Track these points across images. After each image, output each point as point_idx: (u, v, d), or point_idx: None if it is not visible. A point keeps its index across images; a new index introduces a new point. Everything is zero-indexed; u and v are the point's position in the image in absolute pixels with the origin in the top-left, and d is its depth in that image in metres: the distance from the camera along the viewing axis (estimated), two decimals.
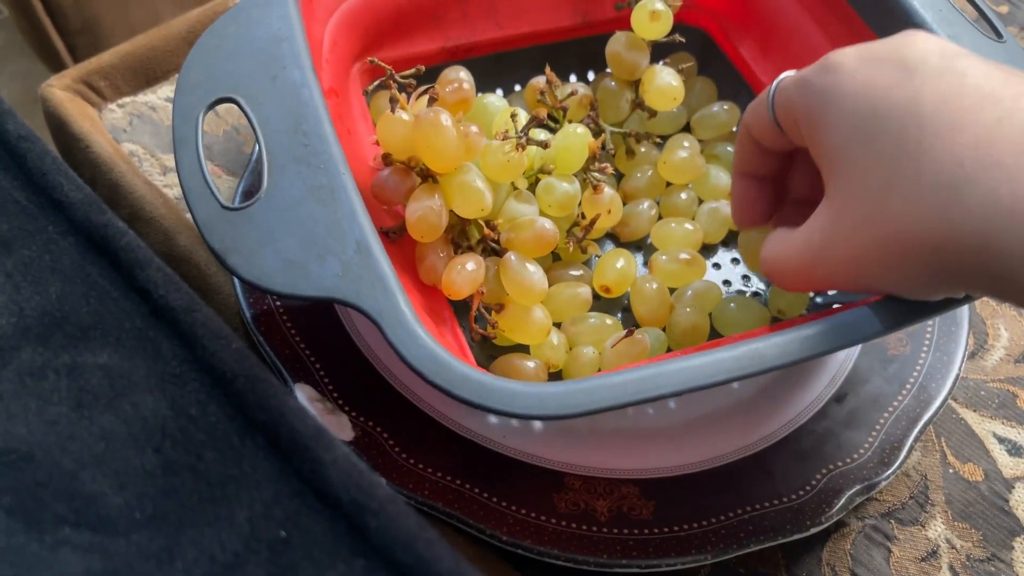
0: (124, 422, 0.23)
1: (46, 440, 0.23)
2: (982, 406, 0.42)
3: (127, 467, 0.23)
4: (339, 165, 0.33)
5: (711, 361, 0.30)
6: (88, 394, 0.24)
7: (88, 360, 0.25)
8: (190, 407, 0.24)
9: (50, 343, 0.25)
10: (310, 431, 0.23)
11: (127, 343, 0.25)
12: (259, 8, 0.36)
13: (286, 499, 0.22)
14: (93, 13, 0.76)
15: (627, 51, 0.44)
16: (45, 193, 0.28)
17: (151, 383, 0.24)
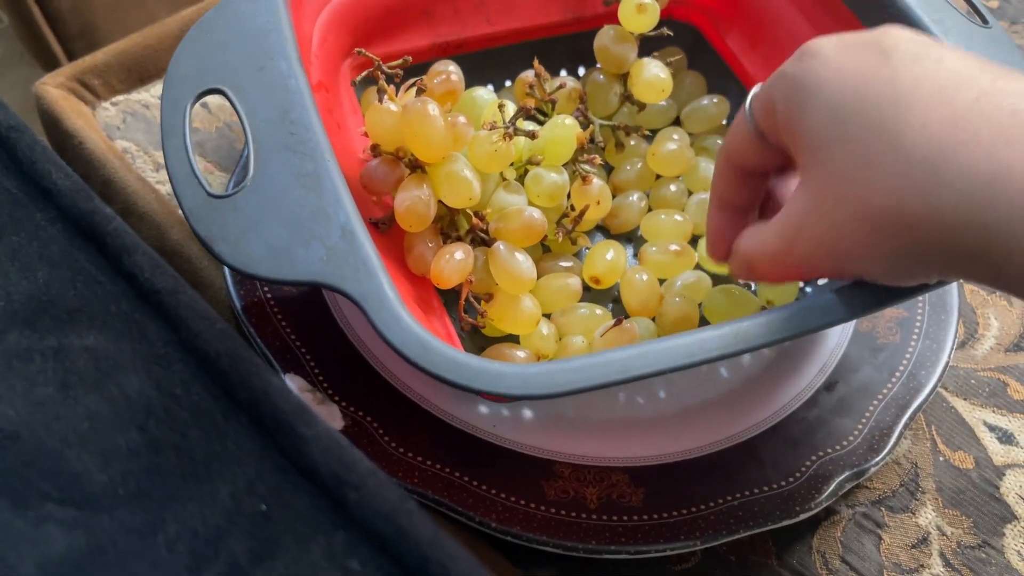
0: (109, 402, 0.24)
1: (32, 420, 0.23)
2: (972, 395, 0.42)
3: (111, 445, 0.23)
4: (325, 153, 0.33)
5: (695, 340, 0.30)
6: (74, 375, 0.24)
7: (74, 343, 0.25)
8: (175, 387, 0.24)
9: (37, 326, 0.25)
10: (292, 408, 0.23)
11: (113, 326, 0.25)
12: (247, 2, 0.37)
13: (268, 475, 0.22)
14: (91, 18, 0.76)
15: (615, 44, 0.44)
16: (34, 181, 0.29)
17: (136, 364, 0.24)
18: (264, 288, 0.40)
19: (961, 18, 0.40)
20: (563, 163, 0.41)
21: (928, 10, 0.39)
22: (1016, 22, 0.58)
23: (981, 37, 0.39)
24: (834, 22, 0.43)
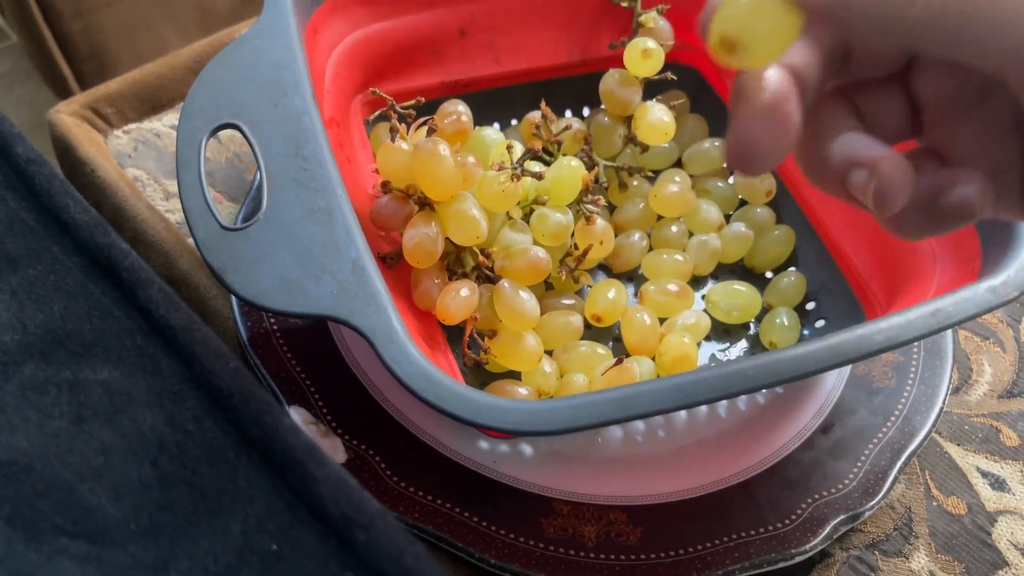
0: (123, 436, 0.24)
1: (46, 452, 0.24)
2: (966, 440, 0.42)
3: (125, 480, 0.23)
4: (337, 188, 0.34)
5: (694, 380, 0.31)
6: (88, 409, 0.25)
7: (89, 376, 0.25)
8: (187, 423, 0.24)
9: (52, 359, 0.26)
10: (303, 447, 0.23)
11: (127, 360, 0.26)
12: (263, 38, 0.38)
13: (279, 513, 0.23)
14: (101, 41, 0.77)
15: (620, 88, 0.45)
16: (52, 214, 0.29)
17: (150, 399, 0.25)
18: (271, 319, 0.40)
19: None
20: (568, 203, 0.42)
21: None
22: None
23: None
24: None
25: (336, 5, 0.43)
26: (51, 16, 0.73)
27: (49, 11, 0.73)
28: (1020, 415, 0.43)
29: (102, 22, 0.76)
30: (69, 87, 0.80)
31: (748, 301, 0.44)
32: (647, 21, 0.47)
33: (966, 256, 0.38)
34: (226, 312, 0.42)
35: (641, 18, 0.47)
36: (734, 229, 0.45)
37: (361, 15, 0.44)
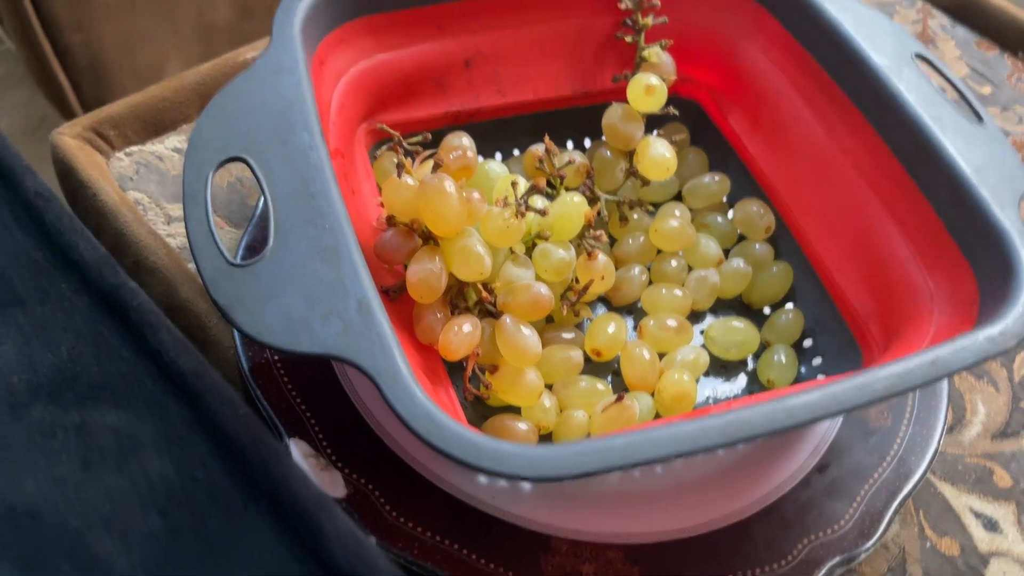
0: (131, 483, 0.24)
1: (54, 498, 0.24)
2: (960, 480, 0.43)
3: (133, 529, 0.23)
4: (344, 226, 0.34)
5: (698, 428, 0.31)
6: (96, 453, 0.25)
7: (97, 419, 0.25)
8: (196, 470, 0.24)
9: (60, 401, 0.26)
10: (312, 498, 0.23)
11: (136, 404, 0.26)
12: (272, 72, 0.38)
13: (287, 564, 0.23)
14: (100, 53, 0.77)
15: (623, 123, 0.46)
16: (61, 251, 0.29)
17: (158, 444, 0.25)
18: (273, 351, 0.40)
19: (958, 116, 0.41)
20: (570, 239, 0.42)
21: (928, 108, 0.41)
22: (1008, 108, 0.59)
23: (977, 135, 0.41)
24: (836, 112, 0.44)
25: (343, 36, 0.43)
26: (51, 29, 0.73)
27: (49, 24, 0.73)
28: (1013, 456, 0.44)
29: (102, 35, 0.76)
30: (66, 98, 0.80)
31: (746, 338, 0.44)
32: (650, 56, 0.47)
33: (964, 300, 0.38)
34: (227, 341, 0.42)
35: (644, 53, 0.47)
36: (733, 265, 0.46)
37: (367, 46, 0.44)
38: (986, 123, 0.42)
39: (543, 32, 0.47)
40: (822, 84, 0.45)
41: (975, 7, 0.64)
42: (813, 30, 0.45)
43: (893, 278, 0.41)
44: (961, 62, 0.62)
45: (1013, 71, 0.61)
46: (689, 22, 0.49)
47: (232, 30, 0.84)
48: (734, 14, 0.48)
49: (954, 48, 0.63)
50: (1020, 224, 0.38)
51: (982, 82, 0.61)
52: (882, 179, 0.43)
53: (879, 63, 0.42)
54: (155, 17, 0.78)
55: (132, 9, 0.76)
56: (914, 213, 0.41)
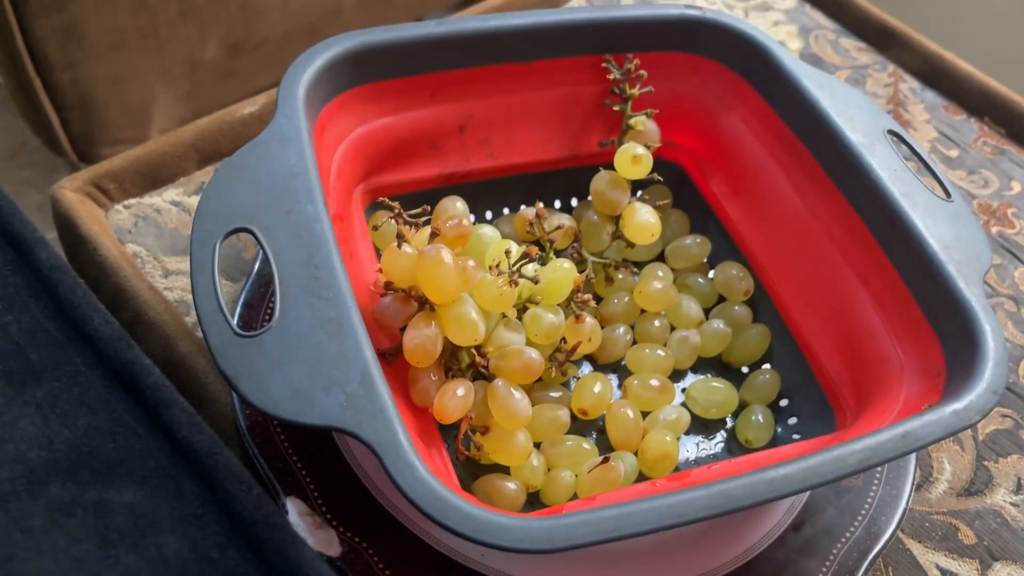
0: (148, 563, 0.25)
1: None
2: (927, 537, 0.45)
3: None
4: (347, 298, 0.35)
5: (684, 500, 0.33)
6: (114, 532, 0.26)
7: (114, 498, 0.27)
8: (211, 550, 0.26)
9: (78, 478, 0.27)
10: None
11: (151, 481, 0.27)
12: (276, 143, 0.39)
13: None
14: (90, 90, 0.78)
15: (610, 189, 0.48)
16: (75, 325, 0.30)
17: (173, 523, 0.26)
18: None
19: (928, 193, 0.44)
20: (559, 303, 0.44)
21: (899, 185, 0.43)
22: (973, 172, 0.62)
23: (945, 211, 0.43)
24: (812, 184, 0.47)
25: (343, 103, 0.45)
26: (42, 66, 0.74)
27: (41, 62, 0.73)
28: (977, 513, 0.46)
29: (92, 74, 0.76)
30: (55, 134, 0.80)
31: (725, 398, 0.46)
32: (636, 124, 0.49)
33: (931, 371, 0.40)
34: (224, 398, 0.43)
35: (631, 121, 0.49)
36: (713, 326, 0.48)
37: (366, 112, 0.45)
38: (954, 199, 0.44)
39: (533, 99, 0.49)
40: (800, 156, 0.47)
41: (944, 72, 0.67)
42: (792, 104, 0.47)
43: (865, 347, 0.43)
44: (930, 125, 0.65)
45: (979, 135, 0.64)
46: (674, 91, 0.51)
47: (220, 68, 0.85)
48: (718, 85, 0.50)
49: (923, 111, 0.65)
50: (984, 300, 0.40)
51: (949, 145, 0.63)
52: (856, 251, 0.45)
53: (853, 139, 0.45)
54: (145, 56, 0.79)
55: (123, 48, 0.77)
56: (886, 286, 0.43)
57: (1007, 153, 0.63)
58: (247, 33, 0.85)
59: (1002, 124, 0.65)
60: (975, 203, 0.60)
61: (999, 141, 0.64)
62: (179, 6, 0.78)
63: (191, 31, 0.81)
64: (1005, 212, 0.60)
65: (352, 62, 0.44)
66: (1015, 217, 0.60)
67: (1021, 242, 0.58)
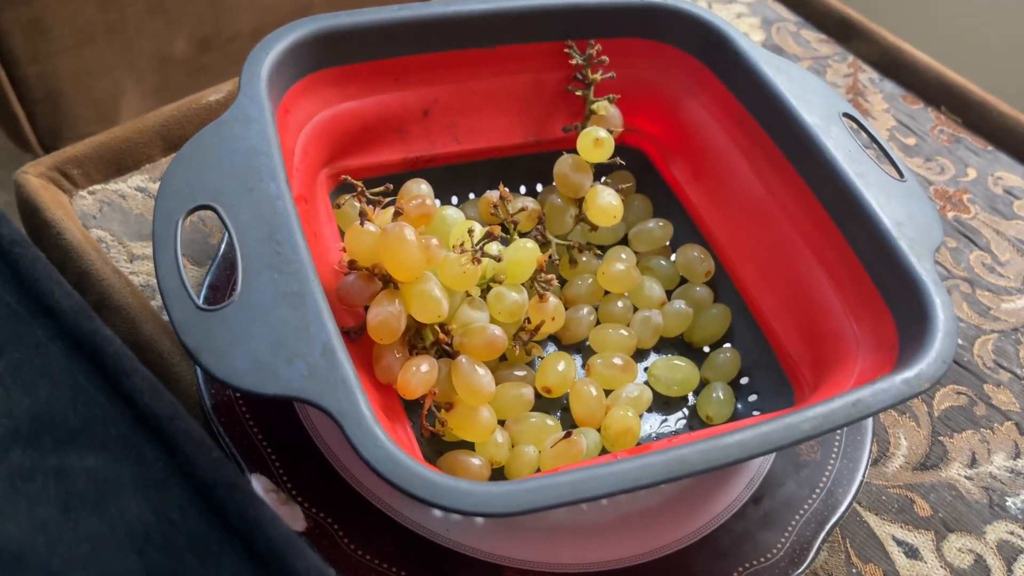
0: (109, 525, 0.25)
1: (35, 541, 0.25)
2: (883, 510, 0.46)
3: (112, 570, 0.24)
4: (309, 273, 0.36)
5: (640, 465, 0.33)
6: (75, 497, 0.26)
7: (75, 463, 0.27)
8: (172, 512, 0.26)
9: (39, 446, 0.27)
10: (283, 539, 0.25)
11: (112, 447, 0.27)
12: (239, 123, 0.39)
13: None
14: (56, 85, 0.78)
15: (573, 172, 0.48)
16: (36, 299, 0.30)
17: (135, 488, 0.26)
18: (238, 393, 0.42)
19: (881, 173, 0.45)
20: (523, 282, 0.44)
21: (853, 164, 0.44)
22: (930, 159, 0.64)
23: (898, 190, 0.44)
24: (772, 167, 0.48)
25: (307, 86, 0.45)
26: (7, 60, 0.74)
27: (5, 55, 0.73)
28: (932, 487, 0.47)
29: (59, 67, 0.76)
30: (22, 129, 0.80)
31: (687, 376, 0.47)
32: (599, 109, 0.50)
33: (885, 344, 0.41)
34: (189, 378, 0.43)
35: (593, 106, 0.50)
36: (675, 306, 0.49)
37: (331, 95, 0.46)
38: (907, 179, 0.45)
39: (497, 85, 0.50)
40: (759, 140, 0.48)
41: (902, 63, 0.68)
42: (751, 89, 0.48)
43: (822, 324, 0.44)
44: (888, 114, 0.66)
45: (936, 123, 0.66)
46: (636, 78, 0.52)
47: (189, 63, 0.85)
48: (679, 72, 0.51)
49: (882, 101, 0.67)
50: (935, 274, 0.41)
51: (907, 134, 0.65)
52: (813, 231, 0.46)
53: (810, 121, 0.46)
54: (112, 50, 0.79)
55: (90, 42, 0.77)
56: (842, 264, 0.44)
57: (963, 141, 0.65)
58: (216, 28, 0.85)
59: (958, 113, 0.66)
60: (932, 189, 0.62)
61: (955, 129, 0.66)
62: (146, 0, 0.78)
63: (159, 26, 0.81)
64: (960, 198, 0.62)
65: (316, 45, 0.44)
66: (970, 202, 0.61)
67: (975, 226, 0.60)
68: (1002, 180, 0.63)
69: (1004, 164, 0.64)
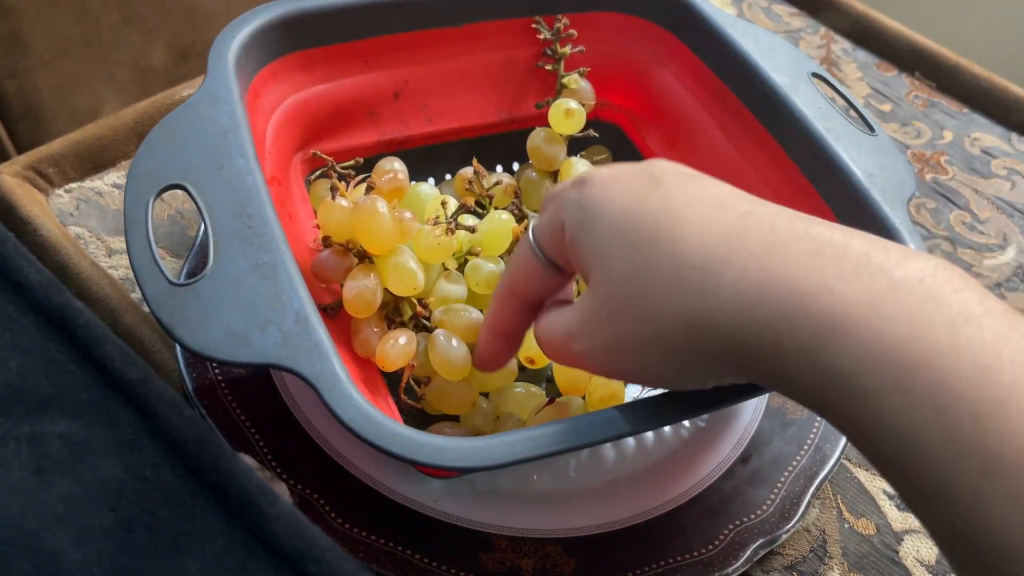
0: (82, 485, 0.25)
1: (8, 503, 0.25)
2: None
3: (86, 526, 0.24)
4: (280, 244, 0.36)
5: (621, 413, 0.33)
6: (48, 460, 0.26)
7: (48, 429, 0.27)
8: (145, 470, 0.26)
9: (11, 414, 0.27)
10: (256, 489, 0.25)
11: (85, 413, 0.27)
12: (207, 104, 0.40)
13: (235, 550, 0.24)
14: (36, 100, 0.78)
15: (546, 145, 0.48)
16: (5, 275, 0.30)
17: (108, 449, 0.26)
18: (215, 371, 0.42)
19: (852, 128, 0.45)
20: (500, 254, 0.44)
21: (822, 120, 0.44)
22: (906, 124, 0.64)
23: (869, 143, 0.45)
24: (743, 129, 0.48)
25: (276, 70, 0.45)
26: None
27: None
28: None
29: (37, 82, 0.77)
30: (2, 144, 0.80)
31: None
32: (570, 83, 0.50)
33: None
34: (171, 365, 0.43)
35: (564, 80, 0.50)
36: None
37: (300, 79, 0.46)
38: (878, 133, 0.45)
39: (467, 64, 0.50)
40: (729, 104, 0.49)
41: (874, 32, 0.69)
42: (719, 54, 0.48)
43: None
44: (863, 83, 0.66)
45: (911, 89, 0.66)
46: (605, 51, 0.52)
47: (168, 73, 0.86)
48: (647, 42, 0.52)
49: (856, 70, 0.67)
50: (909, 223, 0.41)
51: (882, 100, 0.65)
52: (788, 190, 0.46)
53: (778, 81, 0.46)
54: (90, 63, 0.79)
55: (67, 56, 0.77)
56: None
57: (938, 105, 0.65)
58: (194, 38, 0.86)
59: (932, 78, 0.66)
60: (909, 153, 0.62)
61: (930, 94, 0.66)
62: (121, 12, 0.79)
63: (136, 37, 0.82)
64: (938, 160, 0.62)
65: (282, 29, 0.44)
66: (948, 164, 0.61)
67: (954, 187, 0.60)
68: (979, 141, 0.63)
69: (980, 125, 0.64)
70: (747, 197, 0.32)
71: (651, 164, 0.33)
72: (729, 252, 0.29)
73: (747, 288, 0.28)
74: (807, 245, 0.29)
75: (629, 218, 0.31)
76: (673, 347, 0.30)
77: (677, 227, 0.30)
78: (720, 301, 0.29)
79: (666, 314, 0.30)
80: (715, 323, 0.29)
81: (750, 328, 0.28)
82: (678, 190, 0.31)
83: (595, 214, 0.32)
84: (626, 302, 0.31)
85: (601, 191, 0.32)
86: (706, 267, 0.29)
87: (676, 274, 0.29)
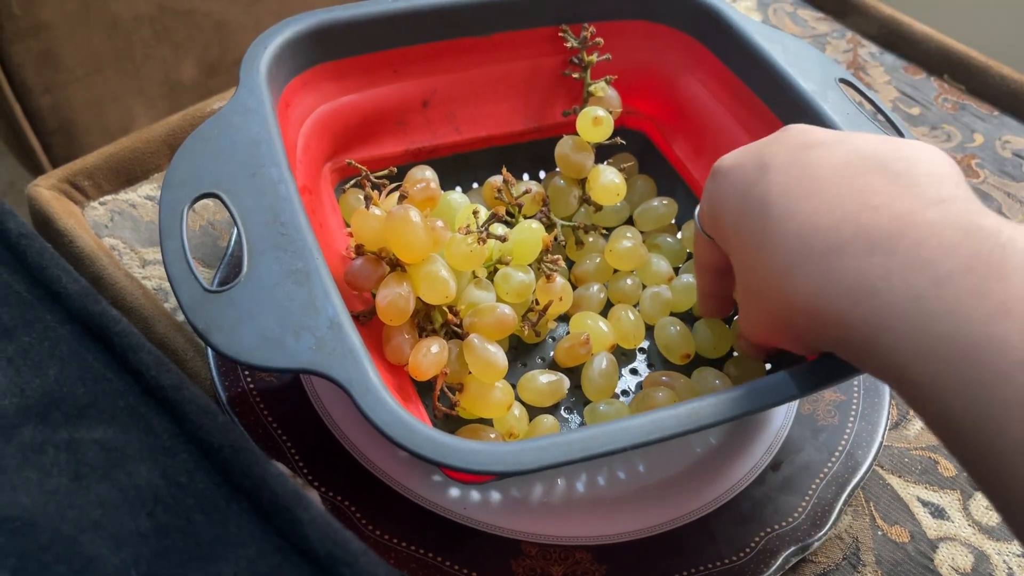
0: (119, 490, 0.26)
1: (47, 508, 0.25)
2: (906, 472, 0.45)
3: (123, 530, 0.25)
4: (313, 251, 0.36)
5: (652, 420, 0.33)
6: (85, 466, 0.26)
7: (85, 436, 0.27)
8: (180, 475, 0.26)
9: (49, 421, 0.28)
10: (289, 494, 0.25)
11: (121, 419, 0.28)
12: (240, 115, 0.40)
13: (268, 555, 0.24)
14: (69, 115, 0.79)
15: (574, 153, 0.49)
16: (44, 286, 0.31)
17: (144, 455, 0.27)
18: (247, 379, 0.42)
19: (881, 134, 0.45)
20: (529, 263, 0.44)
21: (851, 126, 0.44)
22: (936, 127, 0.63)
23: None
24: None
25: (307, 80, 0.46)
26: (20, 91, 0.76)
27: (19, 87, 0.75)
28: None
29: (71, 97, 0.78)
30: (37, 158, 0.82)
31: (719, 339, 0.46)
32: (597, 91, 0.50)
33: None
34: (204, 373, 0.43)
35: (591, 88, 0.50)
36: (683, 280, 0.48)
37: (330, 89, 0.47)
38: (907, 137, 0.45)
39: (495, 73, 0.50)
40: (757, 111, 0.48)
41: (901, 35, 0.68)
42: (746, 61, 0.48)
43: None
44: (890, 86, 0.66)
45: (940, 92, 0.66)
46: (633, 59, 0.52)
47: (198, 87, 0.87)
48: (674, 50, 0.52)
49: (883, 74, 0.67)
50: None
51: (911, 104, 0.65)
52: None
53: (806, 87, 0.46)
54: (122, 78, 0.81)
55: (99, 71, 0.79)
56: None
57: (968, 107, 0.64)
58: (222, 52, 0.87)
59: (961, 80, 0.66)
60: None
61: (959, 97, 0.65)
62: (152, 28, 0.80)
63: (166, 52, 0.83)
64: (969, 163, 0.61)
65: (312, 40, 0.45)
66: (979, 167, 0.61)
67: (986, 190, 0.59)
68: (1010, 144, 0.62)
69: (1011, 128, 0.63)
70: (834, 179, 0.33)
71: (770, 143, 0.36)
72: (802, 257, 0.32)
73: (816, 293, 0.32)
74: (862, 244, 0.31)
75: (741, 213, 0.35)
76: (794, 330, 0.34)
77: (768, 223, 0.33)
78: (795, 305, 0.33)
79: (773, 306, 0.34)
80: (807, 317, 0.33)
81: (822, 329, 0.32)
82: (778, 178, 0.34)
83: (718, 208, 0.36)
84: (750, 294, 0.36)
85: (720, 185, 0.36)
86: (785, 272, 0.32)
87: (766, 278, 0.34)
